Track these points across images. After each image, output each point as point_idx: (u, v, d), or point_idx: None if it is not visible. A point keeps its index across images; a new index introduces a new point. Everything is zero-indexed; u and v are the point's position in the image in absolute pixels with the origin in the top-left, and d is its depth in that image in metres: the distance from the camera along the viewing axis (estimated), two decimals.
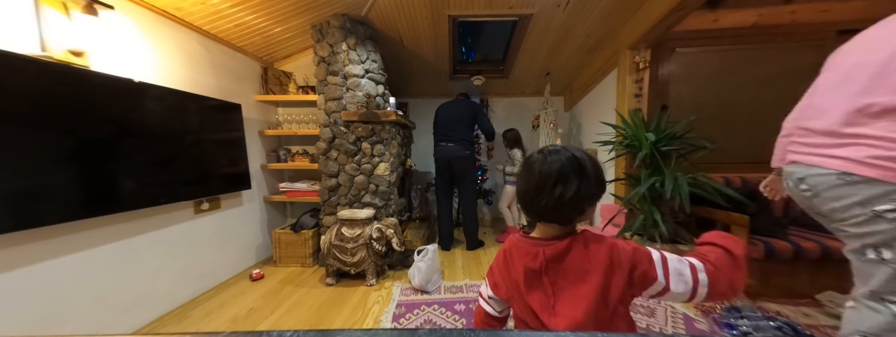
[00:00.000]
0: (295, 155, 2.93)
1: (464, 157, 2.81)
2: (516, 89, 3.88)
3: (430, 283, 2.10)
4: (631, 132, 2.36)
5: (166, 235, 1.92)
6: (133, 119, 1.64)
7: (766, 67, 2.67)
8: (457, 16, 2.52)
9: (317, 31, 2.47)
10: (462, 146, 2.81)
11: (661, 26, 2.25)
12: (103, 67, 1.56)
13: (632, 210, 2.44)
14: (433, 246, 2.22)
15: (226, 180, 2.30)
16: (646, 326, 1.66)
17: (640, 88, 2.59)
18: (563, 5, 2.35)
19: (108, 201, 1.52)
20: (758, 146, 2.71)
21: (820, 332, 1.56)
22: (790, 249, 1.85)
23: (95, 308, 1.54)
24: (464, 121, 2.86)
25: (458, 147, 2.80)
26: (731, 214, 2.00)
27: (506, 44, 3.09)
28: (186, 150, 1.94)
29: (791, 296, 1.90)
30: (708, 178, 2.12)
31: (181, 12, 1.99)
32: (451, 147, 2.81)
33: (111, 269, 1.62)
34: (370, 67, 2.54)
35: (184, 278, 2.03)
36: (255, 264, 2.69)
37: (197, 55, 2.17)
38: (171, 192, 1.85)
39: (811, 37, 2.59)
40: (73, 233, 1.46)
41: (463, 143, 2.82)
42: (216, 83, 2.32)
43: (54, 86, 1.33)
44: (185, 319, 1.84)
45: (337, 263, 2.20)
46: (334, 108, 2.49)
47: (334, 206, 2.55)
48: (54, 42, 1.38)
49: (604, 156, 2.93)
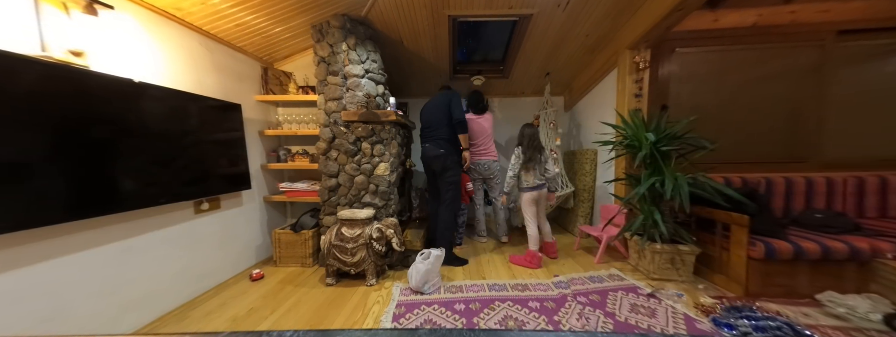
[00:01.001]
0: (295, 155, 2.93)
1: (438, 156, 2.62)
2: (516, 89, 3.88)
3: (427, 285, 2.08)
4: (631, 132, 2.36)
5: (166, 235, 1.92)
6: (133, 119, 1.64)
7: (766, 67, 2.67)
8: (457, 16, 2.52)
9: (317, 31, 2.47)
10: (437, 145, 2.63)
11: (661, 26, 2.25)
12: (103, 68, 1.56)
13: (632, 210, 2.44)
14: (438, 251, 2.16)
15: (226, 180, 2.30)
16: (646, 326, 1.66)
17: (640, 88, 2.59)
18: (563, 5, 2.35)
19: (108, 201, 1.52)
20: (758, 146, 2.72)
21: (820, 332, 1.56)
22: (790, 249, 1.85)
23: (95, 308, 1.54)
24: (441, 115, 2.64)
25: (433, 146, 2.64)
26: (731, 214, 2.00)
27: (506, 44, 3.09)
28: (186, 151, 1.94)
29: (791, 296, 1.90)
30: (708, 178, 2.12)
31: (181, 12, 1.99)
32: (427, 147, 2.68)
33: (111, 269, 1.62)
34: (370, 67, 2.53)
35: (184, 278, 2.03)
36: (255, 264, 2.69)
37: (197, 55, 2.17)
38: (170, 192, 1.85)
39: (811, 37, 2.59)
40: (74, 233, 1.46)
41: (438, 142, 2.63)
42: (216, 83, 2.32)
43: (54, 86, 1.33)
44: (185, 319, 1.84)
45: (337, 263, 2.20)
46: (334, 108, 2.49)
47: (334, 206, 2.55)
48: (54, 42, 1.38)
49: (604, 156, 2.94)
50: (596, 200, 3.25)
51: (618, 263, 2.54)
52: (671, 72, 2.73)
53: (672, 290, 2.02)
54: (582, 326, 1.65)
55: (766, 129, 2.71)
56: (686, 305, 1.85)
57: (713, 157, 2.28)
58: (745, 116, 2.70)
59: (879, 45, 2.54)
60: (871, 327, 1.58)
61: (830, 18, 2.52)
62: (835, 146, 2.65)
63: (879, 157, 2.60)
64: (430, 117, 2.72)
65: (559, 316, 1.76)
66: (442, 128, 2.64)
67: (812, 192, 2.46)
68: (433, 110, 2.71)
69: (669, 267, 2.19)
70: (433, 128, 2.68)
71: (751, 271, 1.93)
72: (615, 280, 2.23)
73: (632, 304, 1.89)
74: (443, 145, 2.63)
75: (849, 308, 1.67)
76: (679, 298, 1.93)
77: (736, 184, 2.50)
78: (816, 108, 2.65)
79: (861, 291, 1.79)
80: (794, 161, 2.69)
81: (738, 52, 2.67)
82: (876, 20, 2.47)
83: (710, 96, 2.72)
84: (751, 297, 1.91)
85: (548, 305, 1.88)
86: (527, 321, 1.72)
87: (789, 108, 2.68)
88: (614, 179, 2.67)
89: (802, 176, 2.50)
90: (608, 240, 2.59)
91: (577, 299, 1.94)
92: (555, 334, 0.50)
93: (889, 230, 2.04)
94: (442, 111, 2.65)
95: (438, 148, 2.63)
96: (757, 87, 2.69)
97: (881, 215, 2.39)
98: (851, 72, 2.60)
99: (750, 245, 1.91)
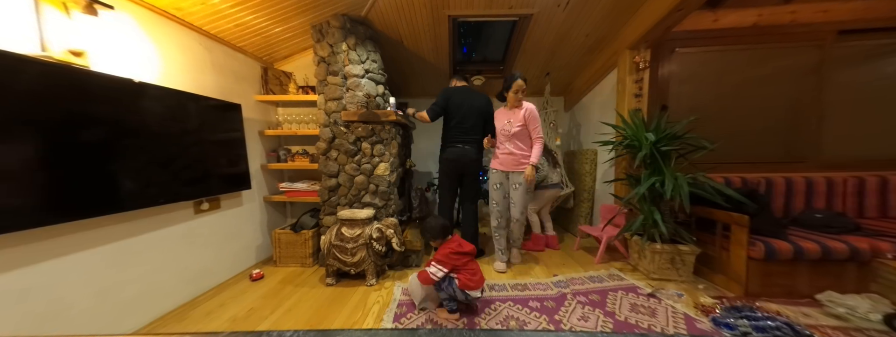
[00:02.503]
0: (295, 155, 2.93)
1: (478, 160, 2.58)
2: None
3: (423, 301, 1.89)
4: (631, 132, 2.36)
5: (166, 235, 1.92)
6: (133, 119, 1.64)
7: (766, 67, 2.67)
8: (457, 16, 2.52)
9: (317, 31, 2.47)
10: (476, 149, 2.54)
11: (661, 26, 2.25)
12: (103, 67, 1.55)
13: (632, 210, 2.44)
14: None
15: (226, 180, 2.30)
16: (647, 326, 1.66)
17: (640, 88, 2.59)
18: (563, 5, 2.35)
19: (108, 201, 1.52)
20: (758, 146, 2.72)
21: (820, 332, 1.56)
22: (790, 249, 1.85)
23: (95, 308, 1.54)
24: (482, 118, 2.57)
25: (474, 150, 2.53)
26: (731, 214, 2.00)
27: (506, 44, 3.09)
28: (186, 151, 1.94)
29: (791, 296, 1.90)
30: (708, 178, 2.12)
31: (181, 12, 1.99)
32: (468, 150, 2.52)
33: (111, 269, 1.62)
34: (370, 67, 2.53)
35: (184, 278, 2.03)
36: (255, 264, 2.69)
37: (197, 55, 2.17)
38: (170, 192, 1.85)
39: (811, 37, 2.59)
40: (74, 233, 1.46)
41: (477, 146, 2.55)
42: (216, 83, 2.32)
43: (54, 86, 1.33)
44: (185, 319, 1.84)
45: (337, 263, 2.20)
46: (334, 108, 2.49)
47: (334, 206, 2.55)
48: (54, 42, 1.38)
49: (604, 156, 2.94)
50: (596, 199, 3.25)
51: (618, 263, 2.54)
52: (671, 72, 2.73)
53: (672, 290, 2.02)
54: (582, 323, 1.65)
55: (766, 129, 2.71)
56: (686, 305, 1.85)
57: (713, 157, 2.28)
58: (745, 116, 2.70)
59: (879, 45, 2.54)
60: (871, 327, 1.58)
61: (830, 18, 2.52)
62: (835, 146, 2.66)
63: (879, 157, 2.60)
64: (468, 114, 2.54)
65: (559, 315, 1.76)
66: (479, 130, 2.57)
67: (812, 192, 2.46)
68: (473, 112, 2.55)
69: (669, 267, 2.19)
70: (473, 128, 2.56)
71: (751, 271, 1.93)
72: (615, 280, 2.23)
73: (632, 303, 1.89)
74: (480, 149, 2.59)
75: (849, 308, 1.68)
76: (679, 297, 1.93)
77: (736, 184, 2.50)
78: (816, 108, 2.65)
79: (861, 291, 1.79)
80: (794, 161, 2.69)
81: (738, 52, 2.67)
82: (875, 20, 2.47)
83: (710, 96, 2.72)
84: (751, 297, 1.91)
85: (548, 305, 1.88)
86: (527, 321, 1.73)
87: (789, 108, 2.68)
88: (614, 179, 2.68)
89: (802, 176, 2.50)
90: (608, 240, 2.59)
91: (577, 299, 1.95)
92: (555, 334, 0.50)
93: (889, 230, 2.04)
94: (481, 117, 2.56)
95: (479, 152, 2.58)
96: (757, 88, 2.69)
97: (881, 215, 2.39)
98: (851, 72, 2.60)
99: (750, 245, 1.91)
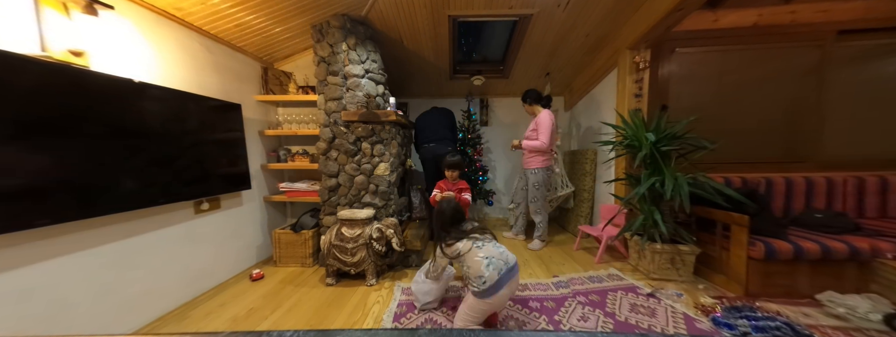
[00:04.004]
0: (295, 155, 2.93)
1: (444, 153, 2.74)
2: (516, 89, 3.87)
3: (425, 294, 1.87)
4: (631, 132, 2.36)
5: (166, 235, 1.92)
6: (133, 119, 1.64)
7: (767, 67, 2.67)
8: (457, 16, 2.52)
9: (317, 31, 2.47)
10: (444, 144, 3.00)
11: (661, 26, 2.25)
12: (103, 67, 1.55)
13: (632, 210, 2.44)
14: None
15: (226, 180, 2.30)
16: (647, 326, 1.66)
17: (640, 88, 2.59)
18: (563, 5, 2.35)
19: (108, 201, 1.52)
20: (758, 146, 2.72)
21: (820, 332, 1.56)
22: (790, 249, 1.85)
23: (95, 308, 1.54)
24: (442, 123, 3.13)
25: (440, 145, 2.98)
26: (731, 214, 2.00)
27: (506, 44, 3.09)
28: (186, 151, 1.94)
29: (791, 296, 1.90)
30: (708, 178, 2.12)
31: (181, 12, 1.99)
32: (432, 146, 3.01)
33: (111, 269, 1.62)
34: (370, 67, 2.53)
35: (184, 278, 2.03)
36: (255, 264, 2.69)
37: (197, 55, 2.17)
38: (170, 192, 1.85)
39: (811, 37, 2.59)
40: (74, 233, 1.46)
41: (444, 142, 3.02)
42: (216, 83, 2.32)
43: (54, 86, 1.33)
44: (185, 319, 1.84)
45: (337, 263, 2.20)
46: (334, 108, 2.49)
47: (334, 206, 2.55)
48: (54, 42, 1.38)
49: (604, 156, 2.94)
50: (596, 199, 3.25)
51: (618, 263, 2.54)
52: (671, 72, 2.73)
53: (672, 290, 2.02)
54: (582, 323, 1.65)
55: (767, 129, 2.71)
56: (686, 305, 1.85)
57: (713, 157, 2.28)
58: (745, 116, 2.70)
59: (879, 45, 2.54)
60: (871, 327, 1.58)
61: (830, 18, 2.52)
62: (835, 146, 2.66)
63: (879, 157, 2.60)
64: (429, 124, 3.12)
65: (559, 315, 1.76)
66: (444, 130, 3.12)
67: (812, 192, 2.46)
68: (433, 119, 3.14)
69: (669, 267, 2.19)
70: (435, 131, 3.09)
71: (751, 271, 1.93)
72: (615, 280, 2.23)
73: (631, 304, 1.89)
74: (449, 144, 3.07)
75: (849, 308, 1.67)
76: (679, 297, 1.93)
77: (736, 184, 2.50)
78: (816, 108, 2.65)
79: (861, 291, 1.79)
80: (794, 161, 2.69)
81: (738, 52, 2.67)
82: (876, 20, 2.47)
83: (710, 96, 2.72)
84: (751, 297, 1.91)
85: (548, 305, 1.88)
86: (527, 321, 1.73)
87: (789, 108, 2.68)
88: (614, 179, 2.67)
89: (802, 176, 2.50)
90: (608, 240, 2.59)
91: (577, 299, 1.95)
92: (555, 334, 0.50)
93: (889, 230, 2.04)
94: (444, 123, 3.14)
95: (446, 146, 3.00)
96: (757, 88, 2.69)
97: (881, 215, 2.39)
98: (851, 72, 2.60)
99: (750, 245, 1.91)
